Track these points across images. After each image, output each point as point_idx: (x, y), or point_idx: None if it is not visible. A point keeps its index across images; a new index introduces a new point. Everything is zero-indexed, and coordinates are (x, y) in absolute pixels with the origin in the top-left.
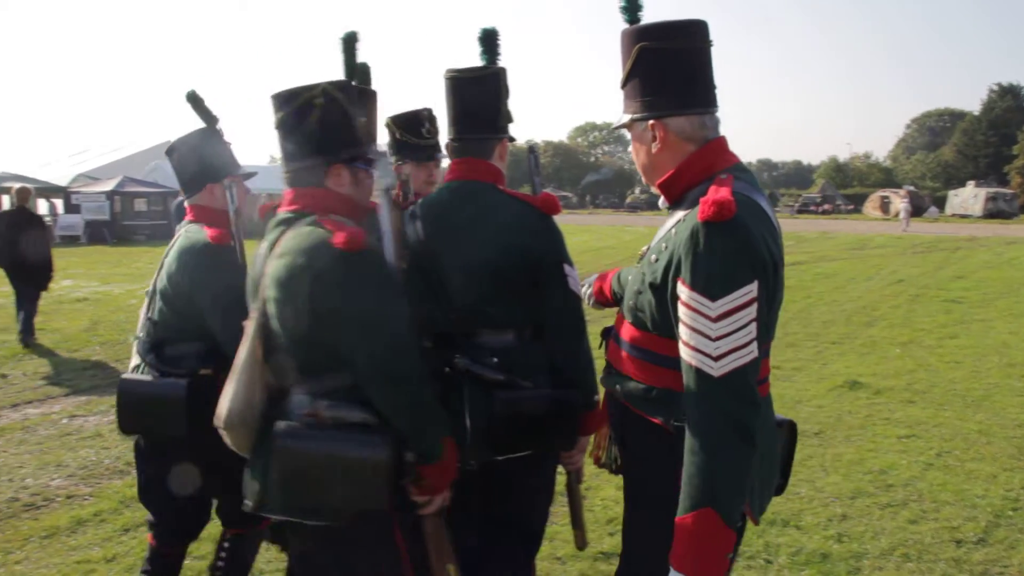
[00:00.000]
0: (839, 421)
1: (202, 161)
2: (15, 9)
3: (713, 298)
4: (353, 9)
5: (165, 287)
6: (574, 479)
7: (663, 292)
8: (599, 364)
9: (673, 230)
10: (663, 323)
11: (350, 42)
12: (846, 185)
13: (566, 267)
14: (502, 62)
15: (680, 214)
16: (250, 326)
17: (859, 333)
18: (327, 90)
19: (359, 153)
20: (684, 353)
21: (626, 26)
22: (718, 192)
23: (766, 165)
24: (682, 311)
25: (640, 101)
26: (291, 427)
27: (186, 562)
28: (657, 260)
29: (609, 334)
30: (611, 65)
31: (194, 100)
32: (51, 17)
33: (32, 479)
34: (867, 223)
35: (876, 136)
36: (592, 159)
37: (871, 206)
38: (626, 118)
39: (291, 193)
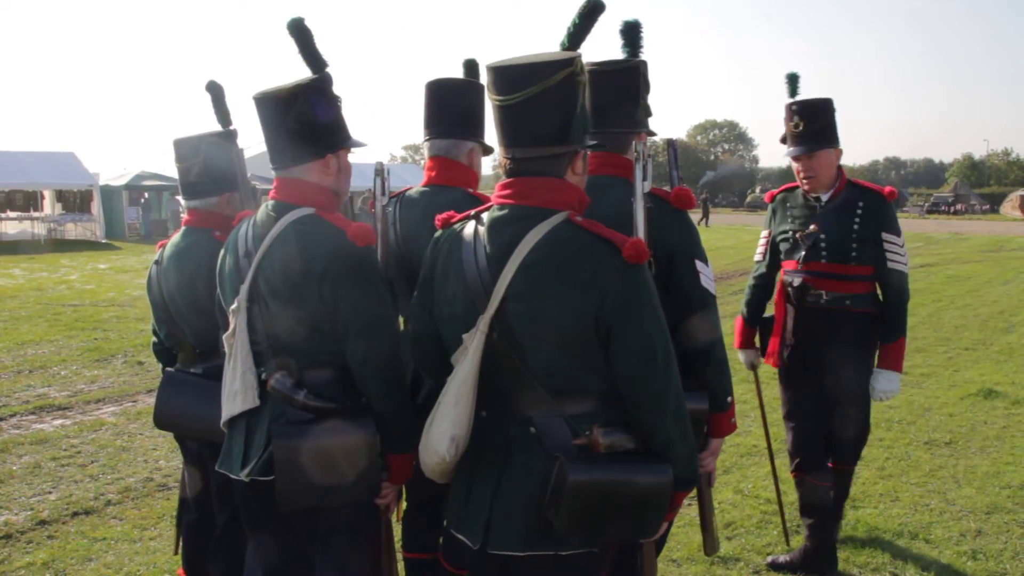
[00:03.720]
0: (973, 431)
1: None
2: (14, 9)
3: None
4: (354, 7)
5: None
6: (704, 483)
7: None
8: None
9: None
10: None
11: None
12: (982, 184)
13: (698, 263)
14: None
15: (842, 198)
16: (475, 341)
17: (995, 339)
18: (583, 65)
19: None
20: None
21: (793, 100)
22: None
23: (893, 163)
24: None
25: (827, 139)
26: (578, 459)
27: None
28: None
29: None
30: (729, 63)
31: (214, 92)
32: (51, 16)
33: (165, 461)
34: (1005, 224)
35: (1017, 132)
36: (712, 157)
37: (1010, 206)
38: (815, 147)
39: (527, 183)
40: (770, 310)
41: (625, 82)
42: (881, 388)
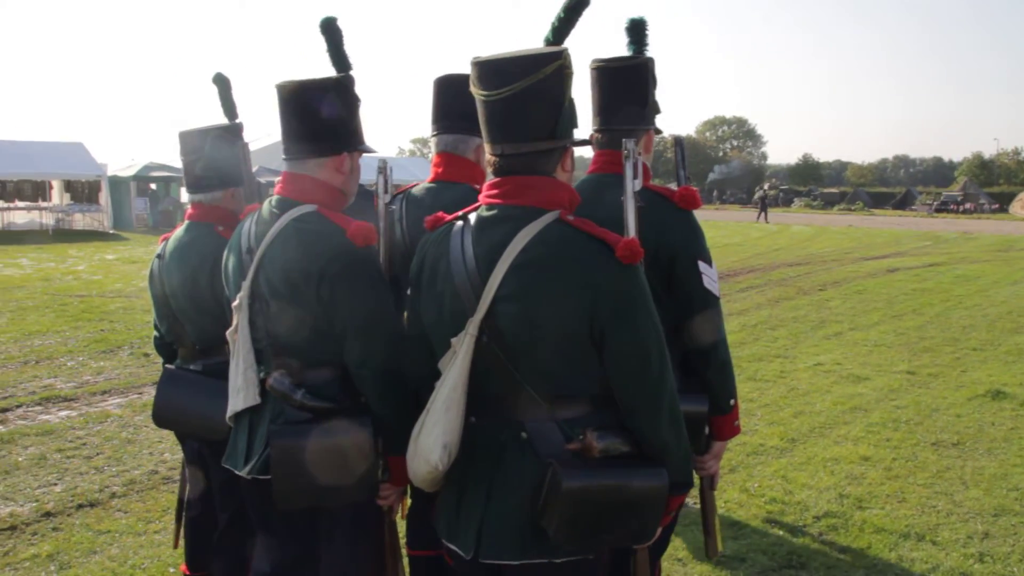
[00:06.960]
0: (980, 432)
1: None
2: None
3: None
4: (353, 5)
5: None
6: (707, 485)
7: None
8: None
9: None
10: None
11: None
12: (991, 183)
13: (701, 264)
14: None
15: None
16: (465, 345)
17: (1003, 340)
18: (570, 59)
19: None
20: None
21: None
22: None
23: (903, 162)
24: None
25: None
26: (571, 465)
27: None
28: None
29: None
30: (736, 60)
31: (221, 83)
32: (61, 6)
33: (170, 454)
34: (1014, 223)
35: None
36: (721, 153)
37: (1019, 205)
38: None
39: (517, 181)
40: None
41: (632, 79)
42: None
